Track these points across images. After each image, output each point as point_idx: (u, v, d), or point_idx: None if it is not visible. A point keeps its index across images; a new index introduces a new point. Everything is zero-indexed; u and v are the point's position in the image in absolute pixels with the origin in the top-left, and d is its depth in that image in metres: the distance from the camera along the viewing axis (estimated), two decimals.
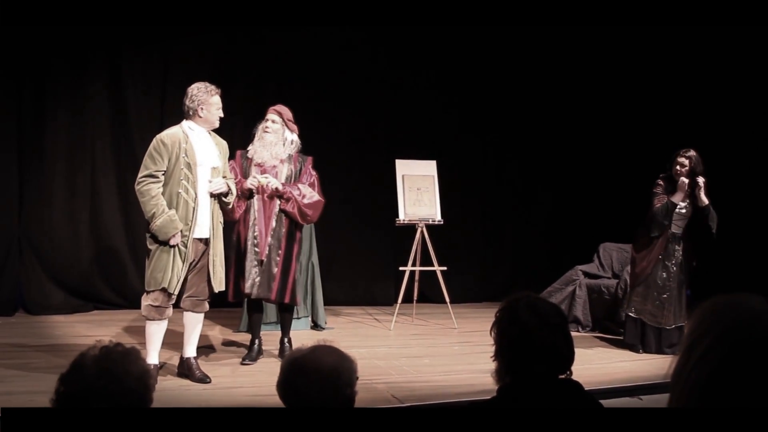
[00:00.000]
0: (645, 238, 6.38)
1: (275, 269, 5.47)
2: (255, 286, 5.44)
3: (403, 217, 7.35)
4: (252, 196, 5.49)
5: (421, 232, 7.27)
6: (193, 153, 4.93)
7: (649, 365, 5.85)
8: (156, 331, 4.91)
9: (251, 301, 5.71)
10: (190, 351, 5.10)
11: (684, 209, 6.30)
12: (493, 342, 2.26)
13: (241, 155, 5.64)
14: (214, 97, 5.05)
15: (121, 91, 7.42)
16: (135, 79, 7.48)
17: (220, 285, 5.11)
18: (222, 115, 5.12)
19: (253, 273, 5.44)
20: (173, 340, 5.48)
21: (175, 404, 4.31)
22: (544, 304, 2.28)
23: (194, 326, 5.10)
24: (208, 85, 5.06)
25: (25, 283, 7.10)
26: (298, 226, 5.65)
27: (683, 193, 6.24)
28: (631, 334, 6.43)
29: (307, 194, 5.55)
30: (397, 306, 7.31)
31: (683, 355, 1.30)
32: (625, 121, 8.93)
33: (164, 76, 7.57)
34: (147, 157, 4.91)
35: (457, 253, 8.55)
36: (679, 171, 6.23)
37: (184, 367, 5.07)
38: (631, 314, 6.44)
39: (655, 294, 6.34)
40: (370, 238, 8.31)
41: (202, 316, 5.14)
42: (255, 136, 5.64)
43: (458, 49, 8.64)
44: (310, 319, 6.99)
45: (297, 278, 5.68)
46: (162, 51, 7.59)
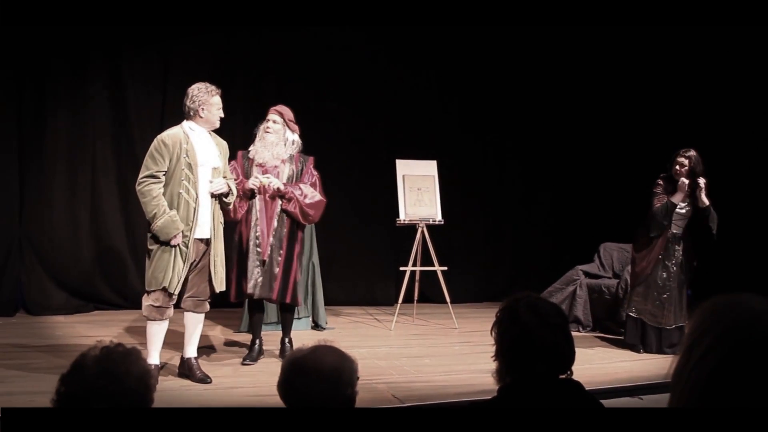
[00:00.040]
0: (645, 238, 6.38)
1: (277, 269, 5.47)
2: (257, 287, 5.44)
3: (403, 217, 7.35)
4: (254, 197, 5.49)
5: (422, 232, 7.27)
6: (194, 153, 4.93)
7: (649, 365, 5.84)
8: (157, 332, 4.91)
9: (252, 302, 5.72)
10: (191, 351, 5.10)
11: (684, 209, 6.29)
12: (493, 342, 2.26)
13: (243, 155, 5.63)
14: (215, 98, 5.05)
15: (122, 91, 7.42)
16: (135, 79, 7.47)
17: (220, 285, 5.11)
18: (222, 115, 5.12)
19: (256, 273, 5.44)
20: (174, 341, 5.48)
21: (175, 404, 4.32)
22: (545, 304, 2.28)
23: (195, 326, 5.11)
24: (209, 86, 5.06)
25: (26, 283, 7.10)
26: (300, 226, 5.65)
27: (683, 194, 6.23)
28: (632, 334, 6.43)
29: (309, 194, 5.54)
30: (398, 306, 7.31)
31: (683, 355, 1.30)
32: (625, 121, 8.93)
33: (164, 76, 7.57)
34: (148, 158, 4.90)
35: (458, 253, 8.55)
36: (679, 171, 6.22)
37: (185, 368, 5.08)
38: (632, 314, 6.44)
39: (656, 294, 6.34)
40: (371, 238, 8.31)
41: (202, 317, 5.15)
42: (256, 137, 5.64)
43: (458, 49, 8.64)
44: (310, 319, 6.99)
45: (298, 278, 5.68)
46: (162, 51, 7.58)
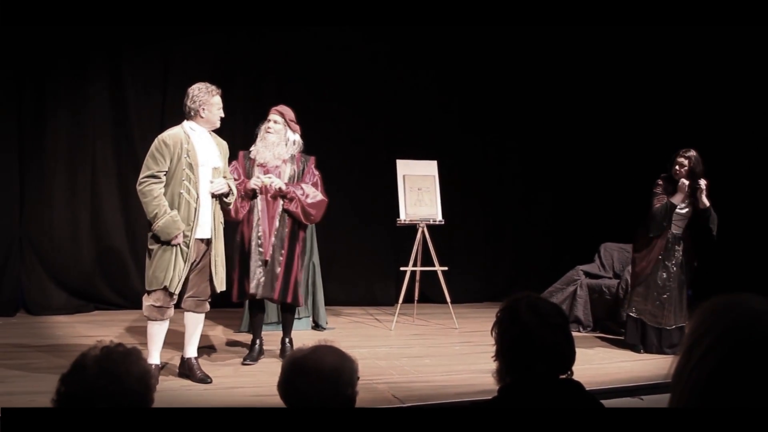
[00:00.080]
0: (645, 238, 6.37)
1: (278, 269, 5.47)
2: (260, 287, 5.45)
3: (403, 217, 7.34)
4: (255, 197, 5.49)
5: (422, 232, 7.26)
6: (195, 153, 4.92)
7: (649, 365, 5.84)
8: (157, 332, 4.91)
9: (253, 302, 5.72)
10: (191, 351, 5.10)
11: (684, 210, 6.29)
12: (494, 342, 2.26)
13: (244, 156, 5.63)
14: (215, 98, 5.05)
15: (122, 91, 7.42)
16: (135, 79, 7.47)
17: (221, 285, 5.11)
18: (223, 115, 5.12)
19: (258, 273, 5.45)
20: (174, 341, 5.48)
21: (176, 404, 4.32)
22: (545, 304, 2.28)
23: (195, 326, 5.10)
24: (209, 86, 5.06)
25: (26, 283, 7.10)
26: (302, 226, 5.65)
27: (683, 195, 6.23)
28: (632, 335, 6.43)
29: (311, 194, 5.54)
30: (398, 306, 7.31)
31: (684, 355, 1.30)
32: (625, 121, 8.93)
33: (164, 76, 7.57)
34: (149, 158, 4.90)
35: (458, 253, 8.55)
36: (679, 171, 6.22)
37: (185, 368, 5.08)
38: (632, 314, 6.43)
39: (655, 294, 6.33)
40: (371, 238, 8.31)
41: (203, 317, 5.15)
42: (257, 137, 5.65)
43: (459, 49, 8.64)
44: (311, 319, 6.99)
45: (300, 278, 5.67)
46: (162, 51, 7.58)
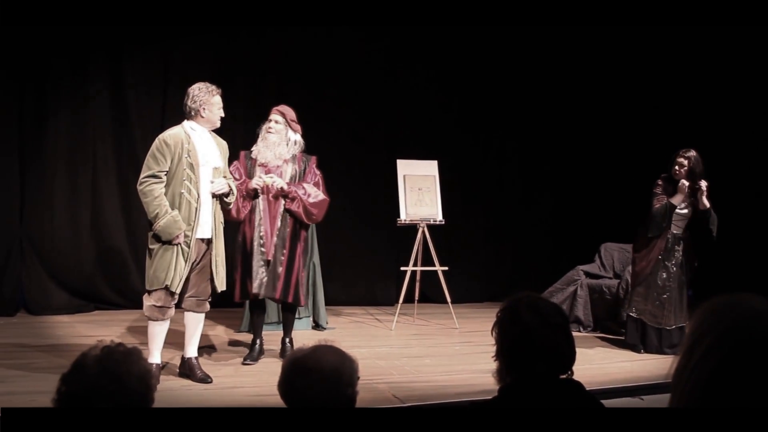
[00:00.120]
0: (644, 238, 6.37)
1: (280, 269, 5.48)
2: (263, 287, 5.45)
3: (404, 217, 7.34)
4: (257, 197, 5.49)
5: (423, 232, 7.26)
6: (196, 153, 4.92)
7: (650, 365, 5.84)
8: (158, 331, 4.92)
9: (254, 301, 5.72)
10: (192, 351, 5.10)
11: (684, 210, 6.29)
12: (494, 342, 2.26)
13: (245, 156, 5.64)
14: (216, 97, 5.05)
15: (122, 91, 7.42)
16: (136, 79, 7.47)
17: (221, 285, 5.11)
18: (223, 115, 5.12)
19: (261, 273, 5.45)
20: (175, 340, 5.48)
21: (176, 404, 4.32)
22: (546, 304, 2.28)
23: (195, 326, 5.10)
24: (209, 85, 5.06)
25: (27, 283, 7.09)
26: (303, 226, 5.64)
27: (683, 195, 6.22)
28: (632, 335, 6.42)
29: (312, 193, 5.55)
30: (399, 306, 7.31)
31: (684, 355, 1.30)
32: (626, 121, 8.93)
33: (165, 76, 7.57)
34: (149, 158, 4.89)
35: (459, 253, 8.55)
36: (678, 171, 6.21)
37: (186, 367, 5.08)
38: (632, 314, 6.43)
39: (655, 294, 6.33)
40: (372, 238, 8.31)
41: (203, 316, 5.15)
42: (259, 137, 5.65)
43: (459, 49, 8.64)
44: (311, 319, 6.99)
45: (301, 278, 5.67)
46: (163, 51, 7.58)
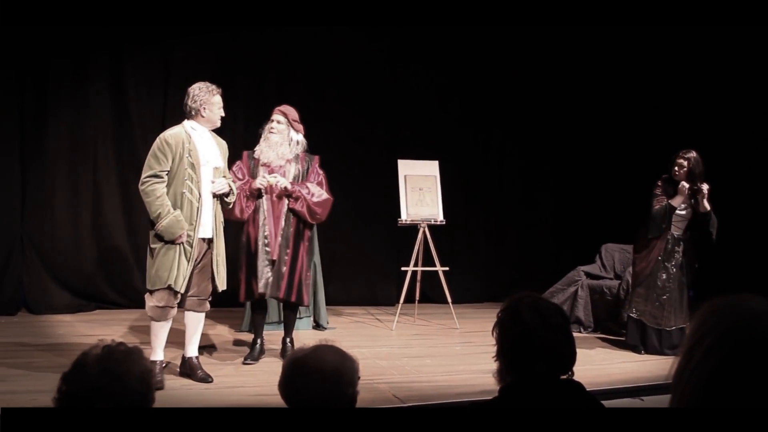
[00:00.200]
0: (645, 239, 6.37)
1: (284, 268, 5.48)
2: (268, 286, 5.46)
3: (405, 217, 7.34)
4: (260, 196, 5.50)
5: (423, 232, 7.26)
6: (197, 153, 4.92)
7: (650, 366, 5.84)
8: (160, 330, 4.92)
9: (255, 301, 5.71)
10: (192, 351, 5.10)
11: (684, 211, 6.28)
12: (494, 342, 2.26)
13: (248, 156, 5.64)
14: (216, 97, 5.05)
15: (123, 91, 7.42)
16: (137, 78, 7.47)
17: (222, 284, 5.11)
18: (223, 114, 5.12)
19: (266, 273, 5.46)
20: (175, 340, 5.46)
21: (177, 404, 4.32)
22: (546, 305, 2.28)
23: (196, 326, 5.10)
24: (209, 85, 5.06)
25: (27, 282, 7.10)
26: (307, 225, 5.64)
27: (683, 197, 6.21)
28: (633, 335, 6.42)
29: (316, 193, 5.55)
30: (399, 306, 7.31)
31: (684, 356, 1.30)
32: (627, 122, 8.92)
33: (166, 75, 7.57)
34: (151, 157, 4.89)
35: (459, 253, 8.55)
36: (678, 172, 6.20)
37: (186, 367, 5.08)
38: (633, 315, 6.43)
39: (655, 295, 6.32)
40: (372, 238, 8.31)
41: (203, 316, 5.14)
42: (261, 137, 5.66)
43: (459, 49, 8.64)
44: (312, 319, 6.99)
45: (305, 278, 5.65)
46: (163, 51, 7.58)
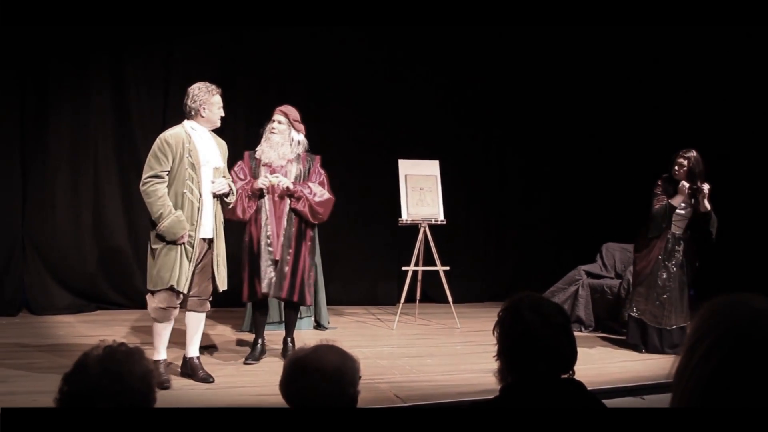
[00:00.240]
0: (645, 239, 6.37)
1: (286, 268, 5.49)
2: (272, 286, 5.46)
3: (405, 216, 7.34)
4: (262, 197, 5.50)
5: (424, 232, 7.26)
6: (197, 153, 4.92)
7: (651, 365, 5.84)
8: (163, 330, 4.92)
9: (256, 301, 5.71)
10: (193, 351, 5.10)
11: (684, 210, 6.28)
12: (495, 341, 2.26)
13: (250, 156, 5.64)
14: (215, 97, 5.04)
15: (124, 91, 7.42)
16: (137, 78, 7.47)
17: (223, 284, 5.11)
18: (223, 114, 5.12)
19: (269, 272, 5.46)
20: (176, 340, 5.47)
21: (178, 404, 4.32)
22: (547, 304, 2.28)
23: (197, 326, 5.10)
24: (209, 85, 5.05)
25: (29, 283, 7.09)
26: (309, 225, 5.64)
27: (683, 197, 6.21)
28: (634, 335, 6.42)
29: (318, 192, 5.55)
30: (400, 306, 7.31)
31: (685, 355, 1.30)
32: (627, 121, 8.93)
33: (166, 75, 7.56)
34: (151, 158, 4.89)
35: (460, 252, 8.55)
36: (678, 171, 6.20)
37: (188, 367, 5.08)
38: (634, 314, 6.43)
39: (655, 294, 6.32)
40: (373, 238, 8.31)
41: (204, 316, 5.14)
42: (262, 137, 5.66)
43: (460, 49, 8.64)
44: (313, 318, 6.99)
45: (308, 278, 5.65)
46: (164, 51, 7.58)
